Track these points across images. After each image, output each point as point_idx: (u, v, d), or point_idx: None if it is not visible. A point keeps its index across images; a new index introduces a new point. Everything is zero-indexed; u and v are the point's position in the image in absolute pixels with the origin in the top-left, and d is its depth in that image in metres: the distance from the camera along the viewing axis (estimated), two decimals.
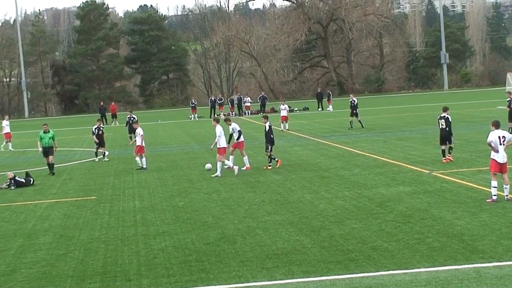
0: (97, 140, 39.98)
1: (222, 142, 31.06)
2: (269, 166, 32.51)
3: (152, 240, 19.11)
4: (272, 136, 32.99)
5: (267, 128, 32.92)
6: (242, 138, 32.96)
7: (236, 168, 31.02)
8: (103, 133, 40.35)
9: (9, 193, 29.61)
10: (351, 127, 51.37)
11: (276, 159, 32.97)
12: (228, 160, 31.59)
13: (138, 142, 35.28)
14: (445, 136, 31.16)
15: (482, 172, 26.66)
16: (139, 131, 35.64)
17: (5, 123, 53.00)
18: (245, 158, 32.94)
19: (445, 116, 31.31)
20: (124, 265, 16.77)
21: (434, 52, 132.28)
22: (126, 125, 40.54)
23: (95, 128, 40.17)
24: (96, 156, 40.24)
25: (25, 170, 33.86)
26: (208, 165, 33.01)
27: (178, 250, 17.81)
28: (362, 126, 51.35)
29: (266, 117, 34.21)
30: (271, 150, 32.83)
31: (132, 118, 47.77)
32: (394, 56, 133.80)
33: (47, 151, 34.84)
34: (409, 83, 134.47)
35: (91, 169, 36.79)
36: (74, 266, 16.92)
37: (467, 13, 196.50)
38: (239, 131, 32.75)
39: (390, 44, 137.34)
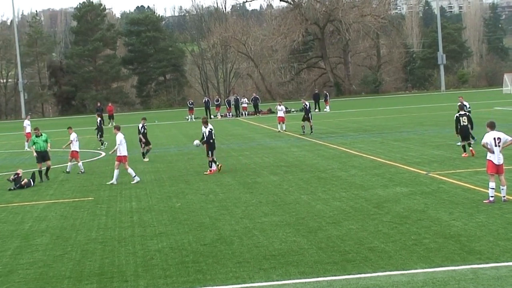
0: (144, 139, 39.36)
1: (123, 150, 30.99)
2: (210, 171, 32.28)
3: (149, 241, 19.10)
4: (212, 141, 32.56)
5: (207, 133, 32.58)
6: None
7: (136, 179, 30.80)
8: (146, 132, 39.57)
9: (6, 194, 29.60)
10: (304, 132, 50.33)
11: (218, 164, 32.59)
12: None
13: (73, 148, 35.17)
14: (467, 133, 33.01)
15: (479, 173, 26.66)
16: (73, 136, 35.44)
17: (27, 122, 52.83)
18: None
19: (466, 113, 33.38)
20: (121, 266, 16.76)
21: (431, 53, 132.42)
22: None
23: (141, 127, 39.37)
24: (144, 157, 39.24)
25: (31, 171, 33.65)
26: (196, 141, 33.24)
27: (175, 251, 17.80)
28: (311, 132, 50.26)
29: (206, 122, 33.41)
30: (212, 155, 32.50)
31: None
32: (391, 57, 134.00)
33: (43, 155, 33.61)
34: (406, 84, 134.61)
35: (88, 170, 36.74)
36: (71, 267, 16.91)
37: (464, 14, 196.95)
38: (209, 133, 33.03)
39: (387, 45, 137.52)
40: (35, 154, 33.70)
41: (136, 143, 41.97)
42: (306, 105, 52.11)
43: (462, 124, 32.98)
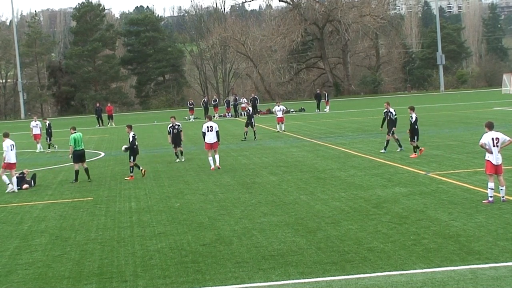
0: (169, 141, 37.69)
1: (12, 157, 30.29)
2: (131, 176, 32.22)
3: (148, 241, 19.10)
4: (136, 146, 32.65)
5: (131, 138, 32.65)
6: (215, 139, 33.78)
7: (10, 187, 30.07)
8: (178, 131, 37.23)
9: (6, 194, 29.58)
10: (245, 138, 48.34)
11: (141, 169, 32.54)
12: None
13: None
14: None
15: (478, 173, 26.68)
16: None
17: (33, 124, 51.74)
18: (216, 156, 33.79)
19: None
20: (120, 266, 16.76)
21: (430, 53, 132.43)
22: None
23: (169, 127, 37.51)
24: (177, 157, 37.63)
25: (33, 171, 33.59)
26: (124, 147, 33.21)
27: (174, 251, 17.81)
28: (255, 138, 48.36)
29: (130, 127, 33.24)
30: (134, 160, 32.55)
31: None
32: (390, 57, 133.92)
33: (81, 155, 32.33)
34: (405, 84, 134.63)
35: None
36: (70, 267, 16.91)
37: (463, 14, 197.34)
38: (203, 132, 33.80)
39: (386, 45, 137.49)
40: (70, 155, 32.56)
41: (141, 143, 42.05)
42: (249, 110, 50.44)
43: (418, 125, 34.49)
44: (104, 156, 43.65)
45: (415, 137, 33.92)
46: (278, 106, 56.34)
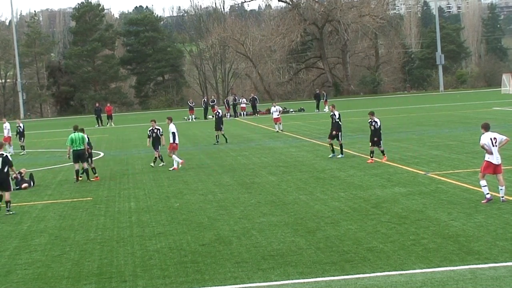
0: (148, 145, 36.35)
1: None
2: (80, 177, 32.28)
3: (147, 241, 19.10)
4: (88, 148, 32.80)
5: (87, 139, 32.78)
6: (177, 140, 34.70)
7: None
8: (157, 135, 35.88)
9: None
10: (217, 142, 47.25)
11: (96, 174, 32.69)
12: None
13: None
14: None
15: (477, 173, 26.56)
16: None
17: (4, 125, 49.75)
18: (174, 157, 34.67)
19: None
20: (119, 266, 16.76)
21: (430, 53, 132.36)
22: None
23: (149, 130, 36.31)
24: (155, 161, 36.06)
25: (30, 171, 33.55)
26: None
27: (173, 251, 17.80)
28: (223, 141, 47.40)
29: (82, 130, 33.01)
30: (91, 163, 32.88)
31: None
32: (389, 57, 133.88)
33: (79, 155, 31.96)
34: (404, 84, 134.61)
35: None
36: (69, 267, 16.91)
37: (462, 14, 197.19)
38: (173, 133, 34.53)
39: (386, 45, 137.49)
40: (68, 154, 32.40)
41: (131, 143, 42.24)
42: (219, 113, 49.12)
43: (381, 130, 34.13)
44: (103, 156, 43.63)
45: (380, 142, 33.33)
46: (274, 106, 56.41)
